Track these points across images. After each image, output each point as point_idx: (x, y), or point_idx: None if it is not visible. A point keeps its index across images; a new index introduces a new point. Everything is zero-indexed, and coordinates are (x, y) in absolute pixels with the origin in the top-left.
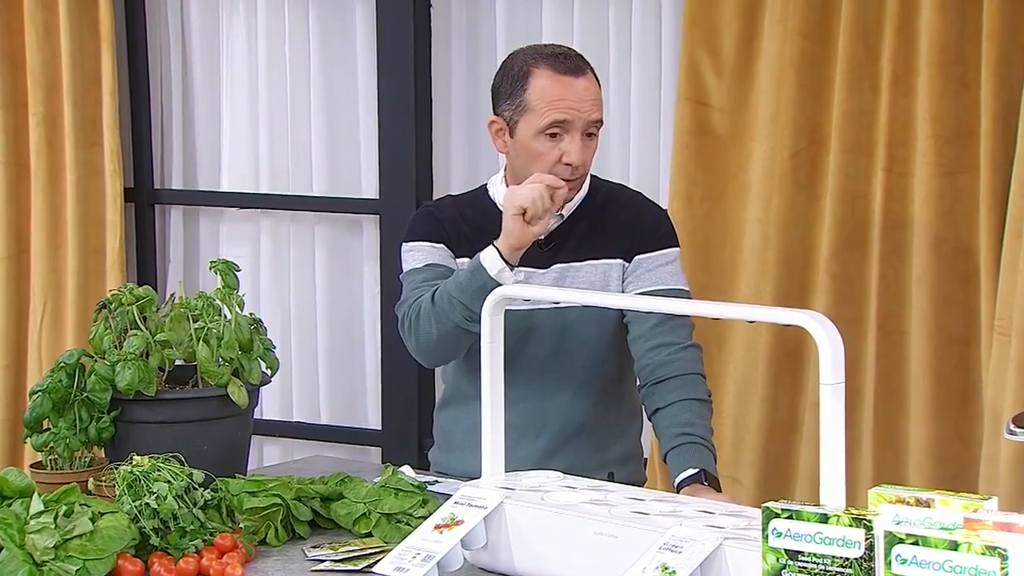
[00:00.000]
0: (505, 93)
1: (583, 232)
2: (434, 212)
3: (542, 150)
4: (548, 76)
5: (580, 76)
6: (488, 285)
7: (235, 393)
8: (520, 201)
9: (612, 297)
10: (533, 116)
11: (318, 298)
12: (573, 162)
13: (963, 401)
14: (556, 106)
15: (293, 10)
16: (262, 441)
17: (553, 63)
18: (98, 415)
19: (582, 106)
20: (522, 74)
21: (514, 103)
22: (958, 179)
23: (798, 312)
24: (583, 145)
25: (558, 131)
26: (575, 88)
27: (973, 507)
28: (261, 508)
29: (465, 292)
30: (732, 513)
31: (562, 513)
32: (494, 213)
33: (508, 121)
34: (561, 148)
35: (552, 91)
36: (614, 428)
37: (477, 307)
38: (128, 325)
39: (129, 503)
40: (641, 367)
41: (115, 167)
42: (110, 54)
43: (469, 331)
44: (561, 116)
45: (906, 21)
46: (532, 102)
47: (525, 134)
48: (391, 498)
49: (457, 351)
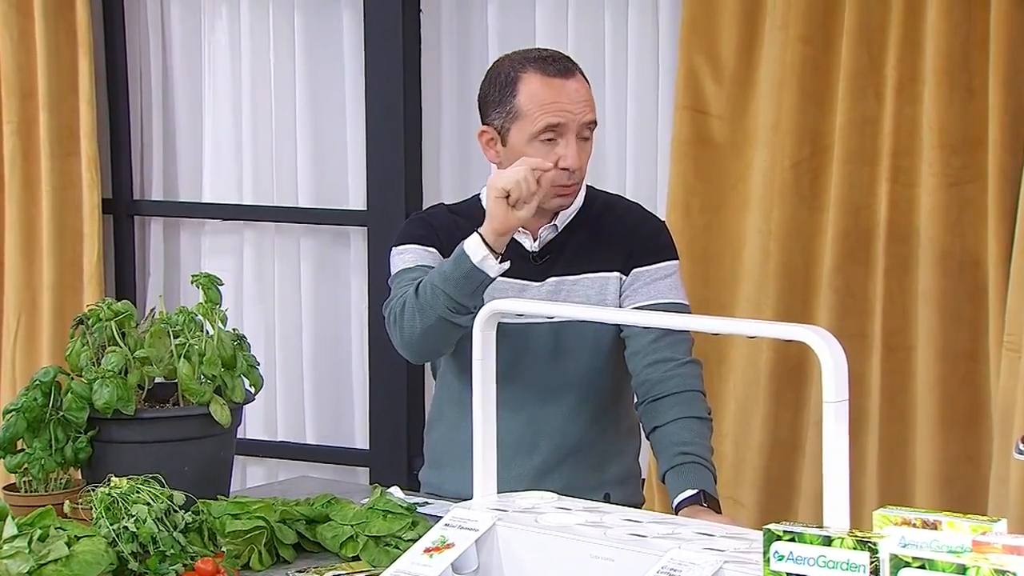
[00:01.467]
0: (494, 101)
1: (579, 243)
2: (426, 219)
3: (537, 156)
4: (538, 80)
5: (570, 78)
6: (473, 274)
7: (217, 412)
8: (503, 183)
9: (608, 312)
10: (525, 122)
11: (304, 313)
12: (570, 166)
13: (971, 419)
14: (549, 110)
15: (277, 14)
16: (245, 461)
17: (542, 66)
18: (75, 435)
19: (575, 108)
20: (510, 80)
21: (504, 111)
22: (965, 190)
23: (800, 327)
24: (578, 148)
25: (552, 135)
26: (566, 90)
27: (982, 529)
28: (244, 531)
29: (448, 281)
30: (732, 535)
31: (556, 535)
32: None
33: (499, 130)
34: (556, 152)
35: (543, 95)
36: (611, 447)
37: (461, 297)
38: (106, 341)
39: (107, 526)
40: (639, 384)
41: (93, 177)
42: (87, 60)
43: (454, 323)
44: (555, 120)
45: (911, 26)
46: (523, 108)
47: (518, 141)
48: (379, 520)
49: (443, 345)
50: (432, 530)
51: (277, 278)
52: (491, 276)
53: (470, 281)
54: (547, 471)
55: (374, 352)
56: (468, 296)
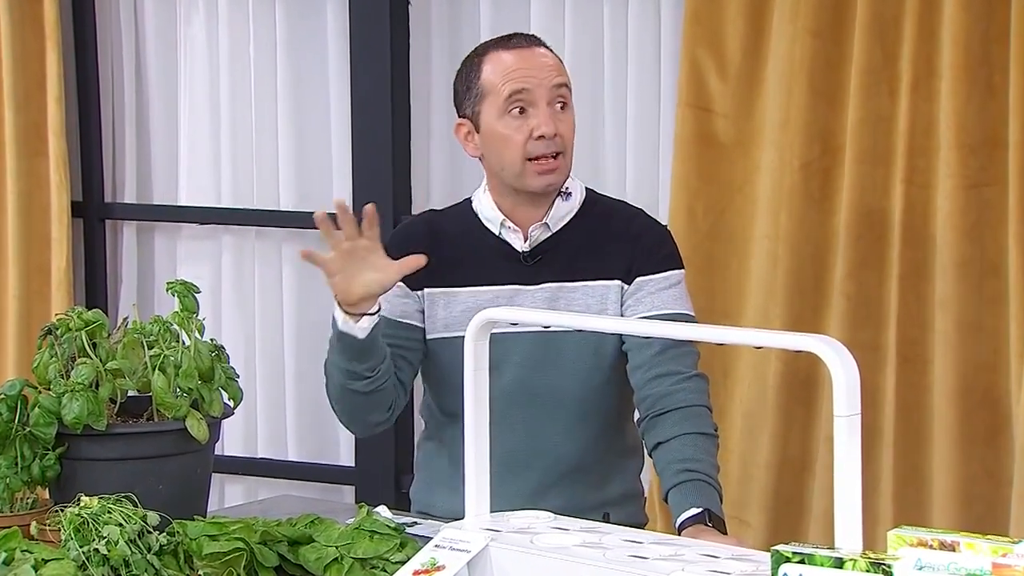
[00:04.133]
0: (462, 91)
1: (576, 248)
2: (405, 235)
3: (509, 131)
4: (498, 55)
5: (532, 47)
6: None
7: (194, 427)
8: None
9: (608, 321)
10: (492, 97)
11: (286, 323)
12: (545, 132)
13: (991, 435)
14: (512, 76)
15: (258, 6)
16: (224, 480)
17: (502, 43)
18: (42, 452)
19: (540, 73)
20: (474, 66)
21: (472, 95)
22: (984, 192)
23: (810, 337)
24: (553, 115)
25: (521, 104)
26: (531, 57)
27: (1002, 551)
28: (222, 553)
29: (332, 348)
30: (738, 557)
31: (553, 557)
32: (480, 230)
33: (472, 117)
34: (529, 124)
35: (506, 64)
36: (612, 465)
37: (344, 362)
38: (76, 352)
39: (76, 549)
40: (641, 398)
41: (61, 178)
42: (56, 54)
43: (358, 391)
44: (519, 85)
45: (927, 19)
46: (488, 83)
47: (489, 121)
48: (366, 541)
49: (370, 414)
50: (421, 551)
51: (257, 285)
52: (358, 337)
53: (342, 343)
54: (544, 490)
55: None
56: (350, 360)
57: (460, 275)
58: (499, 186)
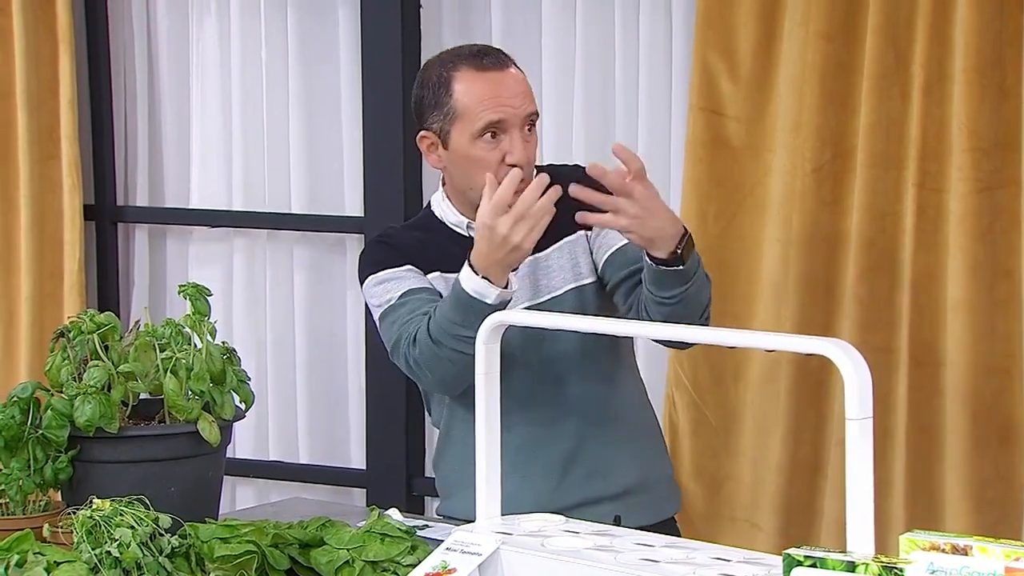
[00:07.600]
0: (429, 104)
1: None
2: (386, 240)
3: (481, 154)
4: (471, 76)
5: (505, 69)
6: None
7: (206, 429)
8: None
9: (628, 324)
10: (466, 122)
11: (297, 325)
12: (518, 161)
13: (1004, 439)
14: (488, 106)
15: (269, 10)
16: (235, 482)
17: (473, 62)
18: (54, 454)
19: (515, 102)
20: (443, 81)
21: (441, 113)
22: (997, 195)
23: (822, 340)
24: (523, 141)
25: (495, 131)
26: (504, 84)
27: (1015, 555)
28: (234, 556)
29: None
30: (750, 561)
31: (564, 560)
32: (448, 231)
33: (439, 133)
34: (502, 149)
35: (480, 91)
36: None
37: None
38: (88, 355)
39: (88, 551)
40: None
41: (74, 182)
42: (69, 58)
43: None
44: (496, 116)
45: (939, 22)
46: (462, 107)
47: (460, 143)
48: (377, 544)
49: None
50: (432, 555)
51: (269, 288)
52: (490, 303)
53: (472, 311)
54: (555, 489)
55: (371, 367)
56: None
57: (448, 265)
58: (464, 201)
